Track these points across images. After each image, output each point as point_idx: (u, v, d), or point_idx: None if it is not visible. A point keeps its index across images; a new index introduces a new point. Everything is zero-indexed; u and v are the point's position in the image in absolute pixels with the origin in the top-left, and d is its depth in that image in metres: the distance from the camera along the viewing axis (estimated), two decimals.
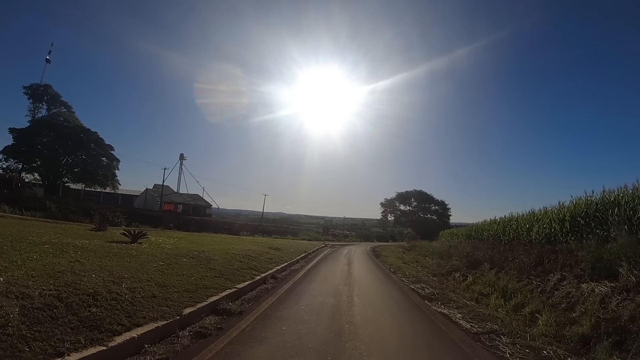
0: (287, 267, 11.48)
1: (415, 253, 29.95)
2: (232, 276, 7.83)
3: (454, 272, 15.77)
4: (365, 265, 14.69)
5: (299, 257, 14.49)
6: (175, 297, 5.44)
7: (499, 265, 13.76)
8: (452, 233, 33.83)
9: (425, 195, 50.71)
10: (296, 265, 12.50)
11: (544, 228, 13.08)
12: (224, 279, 7.47)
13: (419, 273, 14.71)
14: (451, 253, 20.48)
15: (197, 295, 5.84)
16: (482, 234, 20.97)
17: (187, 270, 7.43)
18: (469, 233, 24.80)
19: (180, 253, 9.17)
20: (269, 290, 7.80)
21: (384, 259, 19.74)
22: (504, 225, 17.60)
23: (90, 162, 43.84)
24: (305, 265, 12.96)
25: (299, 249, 17.48)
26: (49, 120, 44.16)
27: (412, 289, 9.49)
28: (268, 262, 10.78)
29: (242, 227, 41.62)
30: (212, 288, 6.50)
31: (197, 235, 18.22)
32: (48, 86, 46.40)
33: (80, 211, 33.51)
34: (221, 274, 7.77)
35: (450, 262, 18.30)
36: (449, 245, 22.21)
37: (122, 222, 32.45)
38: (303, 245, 21.92)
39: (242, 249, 12.06)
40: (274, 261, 11.36)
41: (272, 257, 12.02)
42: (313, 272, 11.09)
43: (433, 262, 20.94)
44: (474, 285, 12.36)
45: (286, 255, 13.54)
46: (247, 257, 10.48)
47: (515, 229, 15.74)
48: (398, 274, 12.50)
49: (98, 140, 43.69)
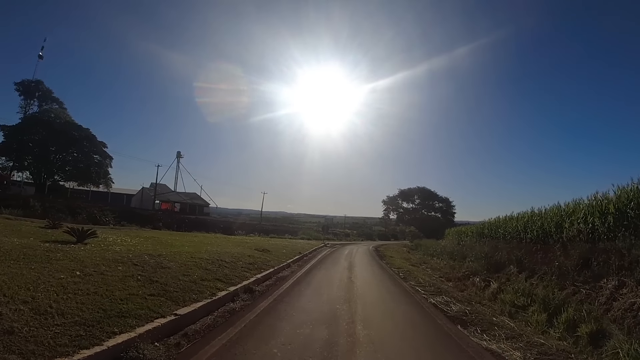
0: (272, 274, 8.96)
1: (421, 253, 27.47)
2: (180, 293, 5.32)
3: (471, 276, 13.26)
4: (370, 270, 12.13)
5: (291, 260, 11.96)
6: (42, 339, 2.98)
7: (529, 269, 11.23)
8: (459, 231, 31.30)
9: (429, 192, 48.03)
10: (286, 271, 9.97)
11: (578, 224, 10.52)
12: (164, 298, 4.97)
13: (432, 278, 12.17)
14: (464, 253, 17.99)
15: (92, 332, 3.38)
16: (497, 231, 18.47)
17: (112, 284, 4.99)
18: (481, 231, 22.27)
19: (123, 258, 6.73)
20: (235, 314, 5.28)
21: (389, 260, 17.19)
22: (525, 222, 15.06)
23: (82, 159, 41.47)
24: (297, 270, 10.43)
25: (294, 250, 14.95)
26: (40, 117, 41.84)
27: (434, 305, 6.96)
28: (246, 269, 8.24)
29: (239, 226, 39.16)
30: (132, 316, 4.04)
31: (177, 235, 15.73)
32: (39, 82, 44.06)
33: (66, 209, 31.24)
34: (164, 290, 5.26)
35: (464, 263, 15.86)
36: (461, 244, 19.59)
37: (110, 221, 30.14)
38: (299, 245, 19.37)
39: (219, 252, 9.55)
40: (256, 267, 8.84)
41: (254, 261, 9.49)
42: (305, 281, 8.54)
43: (444, 263, 18.44)
44: (502, 294, 9.80)
45: (275, 259, 11.00)
46: (218, 263, 7.96)
47: (541, 226, 13.17)
48: (410, 281, 9.95)
49: (90, 137, 41.30)
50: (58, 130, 40.34)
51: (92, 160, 41.53)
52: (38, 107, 43.81)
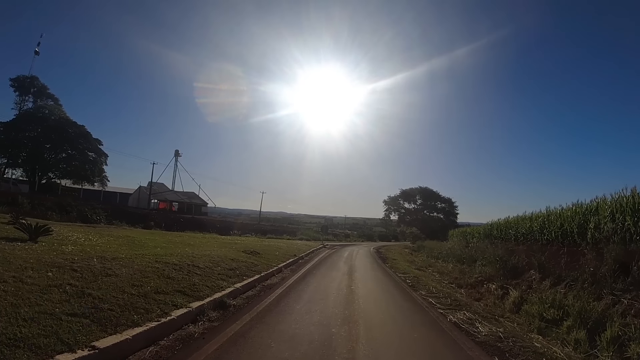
0: (257, 282, 7.40)
1: (424, 255, 25.87)
2: (117, 312, 3.82)
3: (486, 282, 11.73)
4: (372, 276, 10.55)
5: (284, 263, 10.39)
6: None
7: (554, 275, 9.67)
8: (464, 232, 29.72)
9: (431, 192, 46.27)
10: (275, 278, 8.40)
11: (605, 223, 9.08)
12: (90, 319, 3.54)
13: (442, 285, 10.62)
14: (474, 256, 16.41)
15: None
16: (508, 232, 16.94)
17: (23, 297, 3.77)
18: (489, 232, 20.70)
19: (65, 261, 5.36)
20: (189, 344, 3.74)
21: (392, 263, 15.61)
22: (541, 222, 13.55)
23: (76, 157, 40.01)
24: (289, 277, 8.85)
25: (288, 252, 13.38)
26: (34, 113, 40.52)
27: (456, 325, 5.38)
28: (224, 277, 6.68)
29: (237, 226, 37.61)
30: (26, 347, 2.57)
31: (160, 235, 14.16)
32: (35, 78, 42.75)
33: (56, 207, 29.77)
34: (95, 308, 3.80)
35: (475, 267, 14.33)
36: (470, 246, 17.98)
37: (102, 220, 28.79)
38: (296, 246, 17.77)
39: (196, 255, 7.99)
40: (238, 274, 7.27)
41: (238, 266, 7.93)
42: (296, 292, 6.96)
43: (452, 267, 16.85)
44: (526, 305, 8.26)
45: (264, 263, 9.43)
46: (188, 269, 6.40)
47: (560, 226, 11.65)
48: (419, 290, 8.38)
49: (85, 134, 39.88)
50: (52, 126, 39.00)
51: (87, 158, 40.07)
52: (33, 104, 42.48)
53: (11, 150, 38.73)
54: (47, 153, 40.29)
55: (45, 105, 40.71)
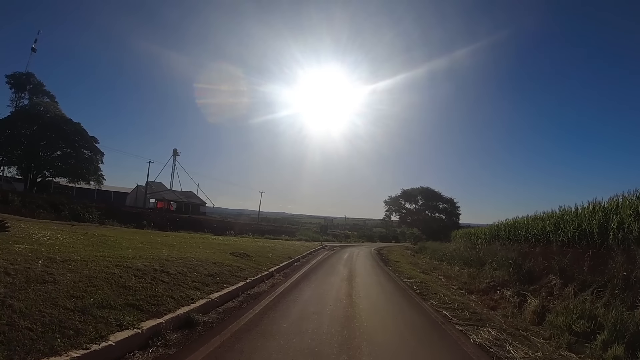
0: (241, 290, 6.27)
1: (427, 256, 24.74)
2: (27, 339, 2.69)
3: (499, 287, 10.63)
4: (375, 281, 9.39)
5: (276, 267, 9.26)
6: None
7: (577, 280, 8.57)
8: (468, 233, 28.56)
9: (433, 192, 45.07)
10: (264, 284, 7.27)
11: (630, 222, 8.07)
12: None
13: (452, 291, 9.51)
14: (482, 259, 15.29)
15: None
16: (517, 233, 15.80)
17: None
18: (496, 233, 19.54)
19: (4, 262, 4.11)
20: None
21: (395, 266, 14.47)
22: (555, 221, 12.43)
23: (72, 155, 38.91)
24: (280, 283, 7.71)
25: (283, 254, 12.23)
26: (30, 111, 39.44)
27: (484, 348, 4.25)
28: (199, 285, 5.55)
29: (234, 226, 36.48)
30: None
31: (142, 234, 13.00)
32: (31, 74, 41.69)
33: (47, 205, 28.71)
34: (10, 326, 2.61)
35: (483, 271, 13.21)
36: (477, 248, 16.81)
37: (94, 219, 27.77)
38: (292, 247, 16.61)
39: (172, 257, 6.87)
40: (218, 281, 6.15)
41: (220, 271, 6.79)
42: (285, 303, 5.82)
43: (458, 270, 15.71)
44: (550, 316, 7.16)
45: (253, 267, 8.29)
46: (153, 275, 5.27)
47: (578, 226, 10.55)
48: (430, 299, 7.23)
49: (80, 131, 38.78)
50: (48, 124, 37.95)
51: (83, 156, 38.96)
52: (29, 101, 41.45)
53: (6, 148, 37.68)
54: (43, 151, 39.24)
55: (40, 102, 39.63)
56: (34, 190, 37.82)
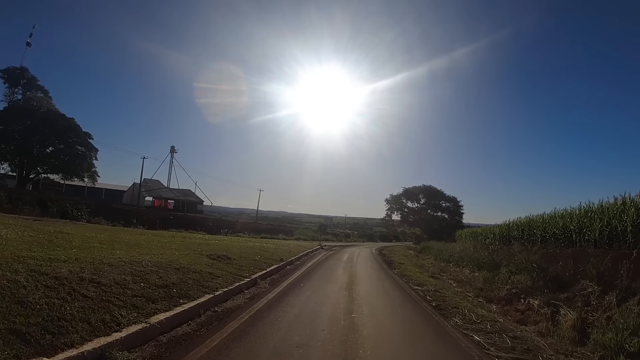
0: (207, 306, 4.67)
1: (432, 257, 23.12)
2: None
3: (523, 296, 9.10)
4: (381, 290, 7.77)
5: (263, 272, 7.65)
6: None
7: (618, 287, 7.10)
8: (475, 233, 26.94)
9: (435, 190, 43.33)
10: (241, 296, 5.67)
11: None
12: None
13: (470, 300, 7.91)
14: (495, 261, 13.74)
15: None
16: (532, 232, 14.34)
17: None
18: (506, 233, 18.01)
19: None
20: None
21: (400, 269, 12.86)
22: (579, 219, 11.02)
23: (65, 151, 37.39)
24: (263, 294, 6.10)
25: (274, 256, 10.61)
26: (22, 106, 37.97)
27: None
28: (141, 301, 3.96)
29: (231, 224, 34.86)
30: None
31: (116, 232, 11.34)
32: (25, 69, 40.20)
33: (35, 202, 27.16)
34: None
35: (499, 275, 11.69)
36: (490, 249, 15.16)
37: (84, 216, 26.27)
38: (287, 248, 14.96)
39: (124, 260, 5.28)
40: (175, 293, 4.55)
41: (183, 279, 5.19)
42: (262, 327, 4.21)
43: (469, 272, 14.12)
44: (595, 332, 5.68)
45: (232, 272, 6.69)
46: (75, 286, 3.71)
47: (607, 224, 9.16)
48: (452, 317, 5.62)
49: (74, 126, 37.21)
50: (41, 119, 36.46)
51: (76, 152, 37.42)
52: (22, 96, 40.00)
53: None
54: (36, 147, 37.75)
55: (34, 97, 38.14)
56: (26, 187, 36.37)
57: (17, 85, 40.25)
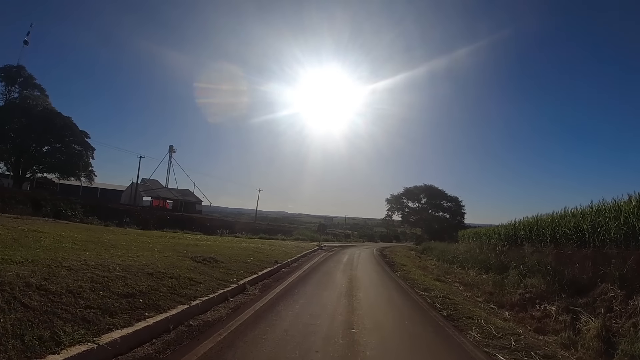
0: (176, 320, 3.91)
1: (434, 258, 22.35)
2: None
3: (538, 301, 8.43)
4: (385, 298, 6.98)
5: (253, 277, 6.87)
6: None
7: None
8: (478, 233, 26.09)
9: (436, 190, 42.45)
10: (223, 307, 4.90)
11: None
12: None
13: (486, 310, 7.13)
14: (503, 262, 13.03)
15: None
16: (541, 232, 13.55)
17: None
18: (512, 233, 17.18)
19: None
20: None
21: (403, 271, 12.08)
22: (592, 218, 10.43)
23: (62, 150, 36.67)
24: (249, 303, 5.32)
25: (268, 258, 9.84)
26: (19, 104, 37.28)
27: None
28: (91, 316, 3.20)
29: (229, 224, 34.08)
30: None
31: (99, 231, 10.55)
32: (21, 67, 39.51)
33: (28, 201, 26.47)
34: None
35: (508, 277, 11.02)
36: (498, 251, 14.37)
37: (77, 216, 25.59)
38: (283, 249, 14.17)
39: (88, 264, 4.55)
40: (139, 305, 3.79)
41: (154, 286, 4.43)
42: (239, 350, 3.41)
43: (475, 275, 13.39)
44: (622, 342, 4.94)
45: (216, 278, 5.91)
46: (18, 293, 2.94)
47: (624, 222, 8.37)
48: (469, 330, 4.85)
49: (70, 125, 36.52)
50: (37, 117, 35.78)
51: (72, 151, 36.71)
52: (19, 94, 39.32)
53: None
54: (32, 145, 37.04)
55: (30, 96, 37.46)
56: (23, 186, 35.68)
57: (14, 83, 39.57)
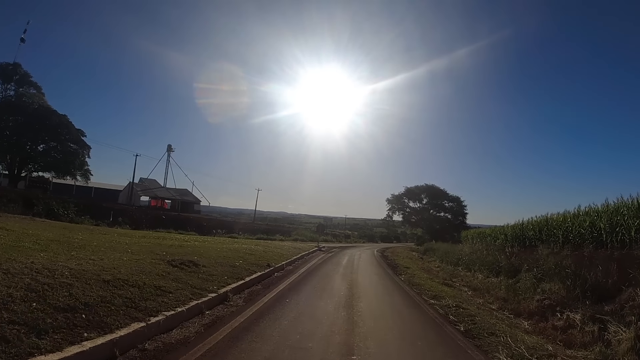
0: (130, 340, 2.94)
1: (437, 259, 21.39)
2: None
3: (558, 308, 7.50)
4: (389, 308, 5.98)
5: (239, 283, 5.92)
6: None
7: None
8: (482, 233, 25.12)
9: (438, 190, 41.39)
10: (195, 323, 3.94)
11: None
12: None
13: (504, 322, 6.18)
14: (514, 265, 12.19)
15: None
16: (552, 233, 12.77)
17: None
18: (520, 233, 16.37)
19: None
20: None
21: (408, 275, 11.10)
22: (609, 216, 9.26)
23: (58, 148, 35.80)
24: (228, 318, 4.36)
25: (260, 261, 8.88)
26: (14, 102, 36.45)
27: None
28: (10, 338, 2.20)
29: (227, 225, 33.14)
30: None
31: (75, 230, 9.49)
32: (17, 65, 38.70)
33: (21, 200, 25.61)
34: None
35: (521, 281, 10.20)
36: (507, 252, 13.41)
37: (70, 215, 24.74)
38: (279, 251, 13.18)
39: (36, 267, 3.57)
40: (73, 324, 2.83)
41: (106, 297, 3.47)
42: None
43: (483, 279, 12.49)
44: None
45: (192, 286, 4.95)
46: None
47: None
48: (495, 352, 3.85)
49: (66, 123, 35.66)
50: (33, 115, 34.95)
51: (68, 149, 35.85)
52: (15, 92, 38.52)
53: None
54: (28, 144, 36.20)
55: (25, 93, 36.66)
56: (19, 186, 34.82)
57: (10, 81, 38.77)
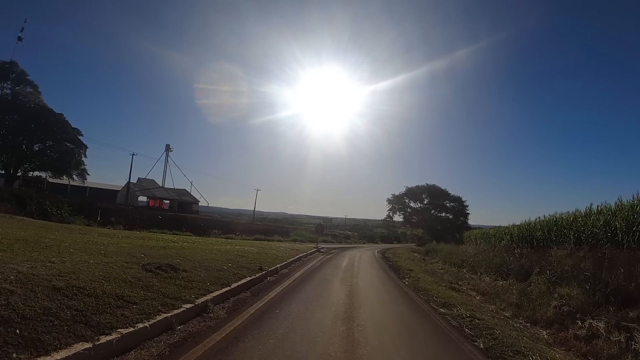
0: None
1: (439, 261, 20.61)
2: None
3: (578, 315, 6.74)
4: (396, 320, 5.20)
5: (224, 290, 5.19)
6: None
7: None
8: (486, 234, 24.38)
9: (439, 190, 40.63)
10: (166, 340, 3.20)
11: None
12: None
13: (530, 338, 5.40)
14: (524, 267, 11.50)
15: None
16: (563, 233, 12.10)
17: None
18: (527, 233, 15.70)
19: None
20: None
21: (411, 277, 10.35)
22: (625, 216, 8.80)
23: (54, 147, 35.12)
24: (203, 335, 3.61)
25: (252, 264, 8.11)
26: (10, 100, 35.78)
27: None
28: None
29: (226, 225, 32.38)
30: None
31: (53, 230, 8.67)
32: (14, 63, 38.08)
33: (13, 199, 24.90)
34: None
35: (534, 285, 9.47)
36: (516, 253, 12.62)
37: (64, 214, 24.07)
38: (274, 252, 12.39)
39: None
40: (8, 343, 2.04)
41: (43, 311, 2.73)
42: None
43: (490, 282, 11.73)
44: None
45: (166, 294, 4.22)
46: None
47: None
48: None
49: (62, 122, 34.98)
50: (29, 114, 34.29)
51: (64, 148, 35.16)
52: (11, 90, 37.85)
53: None
54: (24, 143, 35.51)
55: (20, 92, 35.96)
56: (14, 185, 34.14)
57: (7, 79, 38.10)
